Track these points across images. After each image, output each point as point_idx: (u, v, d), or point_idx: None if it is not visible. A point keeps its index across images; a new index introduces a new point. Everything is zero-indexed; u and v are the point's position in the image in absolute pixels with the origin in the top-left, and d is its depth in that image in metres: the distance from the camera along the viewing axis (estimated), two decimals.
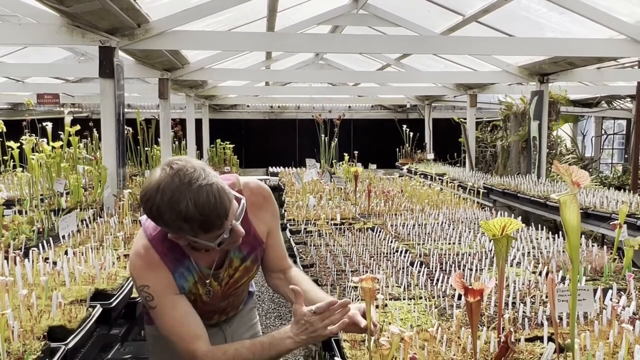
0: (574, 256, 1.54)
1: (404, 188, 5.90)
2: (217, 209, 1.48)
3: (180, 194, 1.45)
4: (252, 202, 1.78)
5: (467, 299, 1.60)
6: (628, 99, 12.78)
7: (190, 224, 1.48)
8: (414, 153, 11.10)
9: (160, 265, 1.63)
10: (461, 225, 4.12)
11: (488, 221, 1.71)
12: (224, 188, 1.52)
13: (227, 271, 1.80)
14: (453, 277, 1.63)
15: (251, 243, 1.83)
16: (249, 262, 1.85)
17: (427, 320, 2.13)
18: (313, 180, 6.18)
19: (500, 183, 6.79)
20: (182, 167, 1.49)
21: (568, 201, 1.53)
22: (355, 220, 4.31)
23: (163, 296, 1.63)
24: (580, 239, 1.55)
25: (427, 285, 2.56)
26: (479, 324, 1.96)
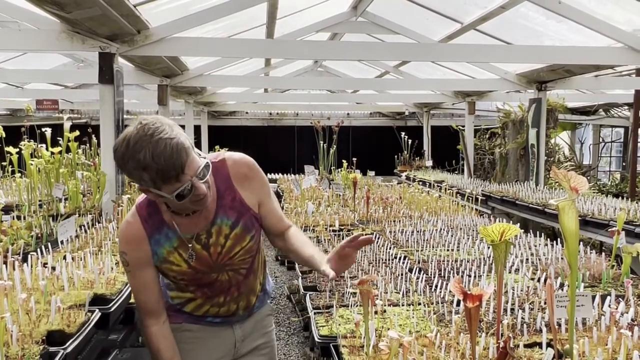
0: (572, 262, 1.55)
1: (402, 195, 5.91)
2: (173, 159, 1.56)
3: (141, 144, 1.54)
4: (237, 172, 1.85)
5: (465, 304, 1.61)
6: (626, 107, 12.83)
7: (148, 173, 1.57)
8: (413, 160, 11.11)
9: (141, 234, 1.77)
10: (460, 232, 4.12)
11: (487, 227, 1.72)
12: (184, 144, 1.59)
13: (214, 238, 1.83)
14: (452, 282, 1.63)
15: (238, 209, 1.84)
16: (239, 229, 1.85)
17: (425, 326, 2.14)
18: (312, 187, 6.19)
19: (498, 190, 6.80)
20: (150, 121, 1.59)
21: (567, 207, 1.54)
22: (354, 227, 4.31)
23: (135, 265, 1.79)
24: (578, 246, 1.55)
25: (426, 291, 2.56)
26: (478, 330, 1.96)
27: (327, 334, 2.09)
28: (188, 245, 1.80)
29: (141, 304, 1.84)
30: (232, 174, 1.84)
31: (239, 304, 1.95)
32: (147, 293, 1.83)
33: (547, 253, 3.38)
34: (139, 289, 1.83)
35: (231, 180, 1.83)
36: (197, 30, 5.09)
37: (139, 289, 1.84)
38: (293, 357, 4.30)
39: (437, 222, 4.45)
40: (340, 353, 1.89)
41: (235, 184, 1.84)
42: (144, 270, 1.81)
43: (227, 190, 1.82)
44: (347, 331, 2.08)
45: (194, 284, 1.87)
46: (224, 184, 1.82)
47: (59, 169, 4.44)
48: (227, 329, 1.98)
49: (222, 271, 1.88)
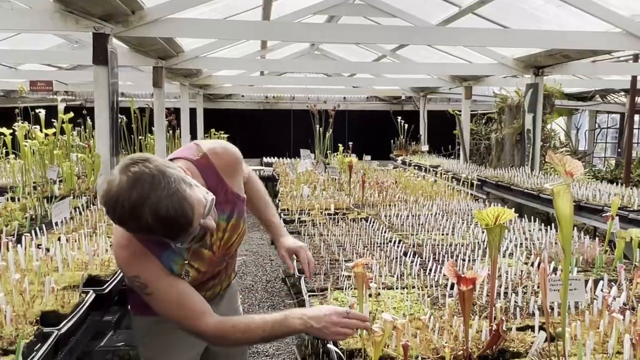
0: (566, 246, 1.55)
1: (398, 179, 5.91)
2: (179, 220, 1.44)
3: (140, 209, 1.40)
4: (222, 164, 1.78)
5: (459, 287, 1.61)
6: (622, 93, 12.83)
7: (154, 234, 1.46)
8: (409, 145, 11.11)
9: (145, 252, 1.59)
10: (455, 216, 4.13)
11: (481, 211, 1.72)
12: (185, 197, 1.45)
13: (215, 235, 1.78)
14: (446, 265, 1.63)
15: (232, 202, 1.81)
16: (235, 219, 1.82)
17: (419, 309, 2.14)
18: (307, 171, 6.18)
19: (494, 175, 6.81)
20: (139, 175, 1.42)
21: (561, 191, 1.54)
22: (349, 211, 4.31)
23: (157, 281, 1.60)
24: (572, 230, 1.55)
25: (420, 274, 2.57)
26: (471, 313, 1.97)
27: None
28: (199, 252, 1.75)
29: (193, 313, 1.63)
30: (218, 168, 1.77)
31: (223, 284, 1.99)
32: (190, 296, 1.64)
33: (541, 238, 3.39)
34: (181, 300, 1.62)
35: (219, 174, 1.77)
36: (192, 11, 5.03)
37: (181, 300, 1.62)
38: (287, 340, 4.33)
39: (432, 206, 4.46)
40: None
41: (224, 176, 1.79)
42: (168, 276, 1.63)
43: (218, 185, 1.76)
44: None
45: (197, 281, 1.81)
46: (214, 180, 1.75)
47: (53, 151, 4.42)
48: None
49: (222, 263, 1.91)
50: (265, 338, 1.67)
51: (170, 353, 1.89)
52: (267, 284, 5.67)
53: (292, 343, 4.23)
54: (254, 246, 7.25)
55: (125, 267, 1.62)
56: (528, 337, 1.78)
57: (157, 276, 1.60)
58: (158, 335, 1.87)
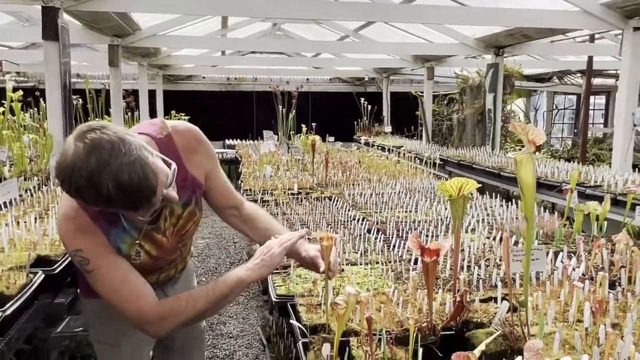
0: (528, 215, 1.54)
1: (361, 159, 5.89)
2: (143, 188, 1.34)
3: (99, 176, 1.29)
4: (184, 146, 1.66)
5: (423, 259, 1.59)
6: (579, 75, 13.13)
7: (115, 205, 1.35)
8: (372, 126, 11.11)
9: (92, 226, 1.49)
10: (418, 194, 4.14)
11: (445, 182, 1.70)
12: (147, 163, 1.35)
13: (169, 220, 1.68)
14: (410, 238, 1.60)
15: (190, 188, 1.69)
16: (192, 206, 1.72)
17: (383, 284, 2.12)
18: (270, 152, 6.10)
19: (455, 155, 6.87)
20: (97, 143, 1.30)
21: (524, 160, 1.52)
22: (313, 190, 4.27)
23: (99, 257, 1.49)
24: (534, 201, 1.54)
25: (384, 251, 2.55)
26: (435, 286, 1.95)
27: (284, 293, 2.05)
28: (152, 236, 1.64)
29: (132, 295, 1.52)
30: (180, 149, 1.65)
31: (177, 267, 1.91)
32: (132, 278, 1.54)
33: (502, 213, 3.42)
34: (122, 280, 1.52)
35: (180, 157, 1.64)
36: None
37: (121, 280, 1.52)
38: (252, 321, 4.29)
39: (395, 185, 4.45)
40: (298, 311, 1.85)
41: (185, 160, 1.67)
42: (113, 255, 1.52)
43: (177, 169, 1.60)
44: (304, 290, 2.04)
45: (148, 268, 1.71)
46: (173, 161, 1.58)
47: (2, 131, 4.21)
48: (160, 294, 1.86)
49: (176, 250, 1.82)
50: (214, 301, 1.56)
51: (125, 335, 1.80)
52: (231, 267, 5.60)
53: (257, 324, 4.19)
54: (217, 229, 7.15)
55: (68, 240, 1.51)
56: (491, 307, 1.77)
57: (101, 253, 1.50)
58: (111, 318, 1.77)
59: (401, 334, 1.59)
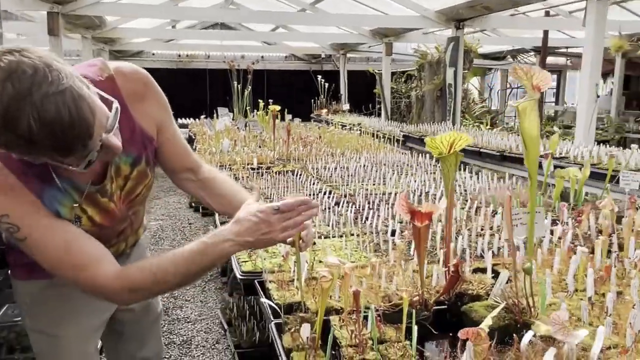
0: (532, 170, 1.36)
1: (322, 134, 5.69)
2: (75, 127, 1.04)
3: (19, 110, 1.00)
4: (131, 92, 1.37)
5: (414, 223, 1.39)
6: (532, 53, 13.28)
7: (39, 150, 1.06)
8: (330, 104, 10.90)
9: (17, 185, 1.19)
10: (384, 167, 3.96)
11: (434, 138, 1.50)
12: (81, 95, 1.06)
13: (116, 182, 1.39)
14: (397, 201, 1.40)
15: (139, 142, 1.40)
16: (142, 165, 1.42)
17: (360, 256, 1.92)
18: (227, 128, 5.80)
19: (417, 130, 6.74)
20: (15, 67, 1.01)
21: (528, 108, 1.34)
22: (274, 164, 4.03)
23: (32, 221, 1.20)
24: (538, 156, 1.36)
25: (358, 222, 2.35)
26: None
27: (250, 269, 1.83)
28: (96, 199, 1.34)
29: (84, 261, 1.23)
30: (125, 95, 1.35)
31: (128, 240, 1.60)
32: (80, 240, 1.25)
33: (473, 185, 3.29)
34: (68, 244, 1.23)
35: (126, 105, 1.35)
36: None
37: (67, 244, 1.23)
38: (211, 304, 4.04)
39: (360, 159, 4.27)
40: (267, 289, 1.63)
41: (132, 108, 1.38)
42: (50, 216, 1.23)
43: (122, 118, 1.28)
44: (273, 266, 1.82)
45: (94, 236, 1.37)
46: None
47: None
48: None
49: (126, 219, 1.50)
50: (187, 274, 1.27)
51: (66, 322, 1.52)
52: (174, 240, 5.31)
53: (216, 307, 3.95)
54: (171, 210, 6.82)
55: None
56: (487, 278, 1.59)
57: (33, 216, 1.20)
58: (48, 303, 1.49)
59: (389, 310, 1.39)
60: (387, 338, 1.32)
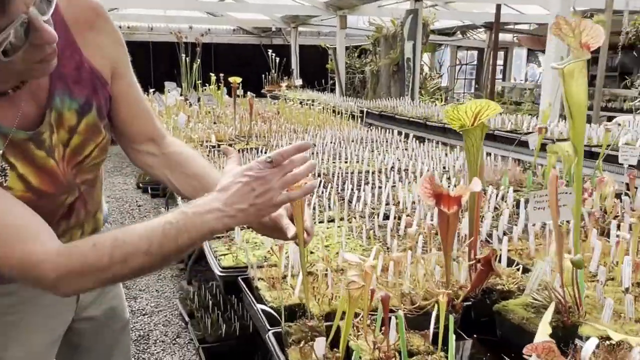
0: (579, 144, 1.16)
1: (280, 110, 5.39)
2: None
3: None
4: (76, 17, 1.07)
5: (440, 208, 1.16)
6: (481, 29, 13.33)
7: None
8: (281, 80, 10.56)
9: None
10: (352, 144, 3.73)
11: (457, 107, 1.27)
12: None
13: (57, 134, 1.04)
14: (419, 182, 1.17)
15: (88, 83, 1.08)
16: (93, 116, 1.10)
17: (355, 245, 1.69)
18: (177, 103, 5.40)
19: (376, 106, 6.55)
20: None
21: (576, 70, 1.12)
22: (234, 142, 3.73)
23: None
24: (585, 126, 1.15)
25: (342, 205, 2.11)
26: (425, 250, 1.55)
27: (231, 264, 1.56)
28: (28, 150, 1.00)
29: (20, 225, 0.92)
30: (69, 21, 1.05)
31: (85, 227, 1.24)
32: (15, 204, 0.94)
33: (447, 162, 3.11)
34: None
35: (70, 31, 1.05)
36: None
37: None
38: (168, 294, 3.73)
39: (325, 135, 4.02)
40: (256, 288, 1.37)
41: (78, 38, 1.06)
42: None
43: (66, 49, 1.04)
44: (257, 259, 1.56)
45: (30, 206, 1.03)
46: (61, 41, 0.95)
47: None
48: None
49: (73, 189, 1.13)
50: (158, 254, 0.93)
51: (12, 341, 1.18)
52: None
53: (174, 297, 3.65)
54: (117, 192, 6.38)
55: None
56: (516, 271, 1.39)
57: None
58: None
59: (412, 314, 1.17)
60: (413, 348, 1.09)
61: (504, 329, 1.18)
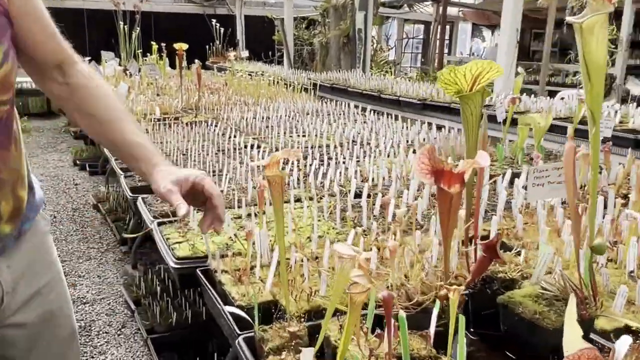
0: (596, 109, 1.01)
1: (228, 82, 5.11)
2: None
3: None
4: None
5: (440, 186, 0.99)
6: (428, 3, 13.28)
7: None
8: (226, 51, 10.14)
9: None
10: (308, 117, 3.54)
11: (454, 68, 1.09)
12: None
13: None
14: (416, 158, 0.99)
15: None
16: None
17: (328, 228, 1.51)
18: (116, 73, 5.02)
19: (327, 78, 6.34)
20: None
21: (596, 26, 0.97)
22: (182, 114, 3.45)
23: None
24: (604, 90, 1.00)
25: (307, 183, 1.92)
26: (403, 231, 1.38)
27: (187, 254, 1.34)
28: None
29: None
30: None
31: (2, 204, 0.98)
32: None
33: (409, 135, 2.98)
34: None
35: None
36: None
37: None
38: (111, 279, 3.44)
39: (278, 108, 3.80)
40: (220, 282, 1.17)
41: None
42: None
43: None
44: (218, 247, 1.35)
45: None
46: None
47: None
48: None
49: None
50: None
51: None
52: (75, 213, 4.58)
53: (118, 283, 3.37)
54: (50, 169, 5.92)
55: None
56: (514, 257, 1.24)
57: None
58: None
59: (409, 311, 1.00)
60: (414, 352, 0.93)
61: (510, 324, 1.03)
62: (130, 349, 2.73)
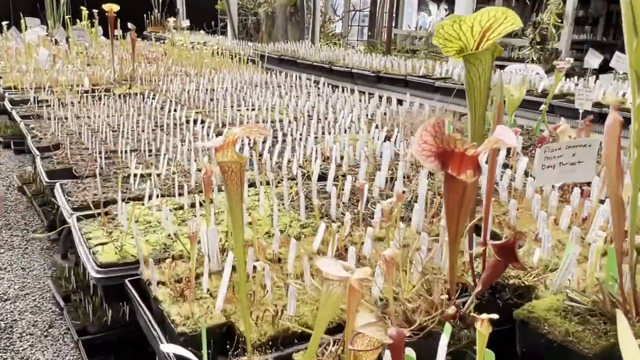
0: None
1: (168, 51, 4.71)
2: None
3: None
4: None
5: (448, 173, 0.75)
6: None
7: None
8: (165, 20, 9.57)
9: None
10: (257, 89, 3.24)
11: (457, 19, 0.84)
12: None
13: None
14: (416, 138, 0.74)
15: None
16: None
17: (291, 220, 1.25)
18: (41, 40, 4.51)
19: (274, 49, 6.02)
20: None
21: None
22: (114, 86, 3.07)
23: None
24: None
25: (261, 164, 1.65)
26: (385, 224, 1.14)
27: (113, 259, 1.05)
28: None
29: None
30: None
31: None
32: None
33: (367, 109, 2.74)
34: None
35: None
36: None
37: None
38: (37, 271, 3.06)
39: (223, 79, 3.47)
40: (155, 300, 0.90)
41: None
42: None
43: None
44: (154, 248, 1.07)
45: None
46: None
47: None
48: None
49: None
50: None
51: None
52: None
53: (45, 276, 3.00)
54: None
55: None
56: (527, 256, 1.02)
57: None
58: None
59: (411, 338, 0.76)
60: None
61: (531, 345, 0.81)
62: (58, 352, 2.40)
